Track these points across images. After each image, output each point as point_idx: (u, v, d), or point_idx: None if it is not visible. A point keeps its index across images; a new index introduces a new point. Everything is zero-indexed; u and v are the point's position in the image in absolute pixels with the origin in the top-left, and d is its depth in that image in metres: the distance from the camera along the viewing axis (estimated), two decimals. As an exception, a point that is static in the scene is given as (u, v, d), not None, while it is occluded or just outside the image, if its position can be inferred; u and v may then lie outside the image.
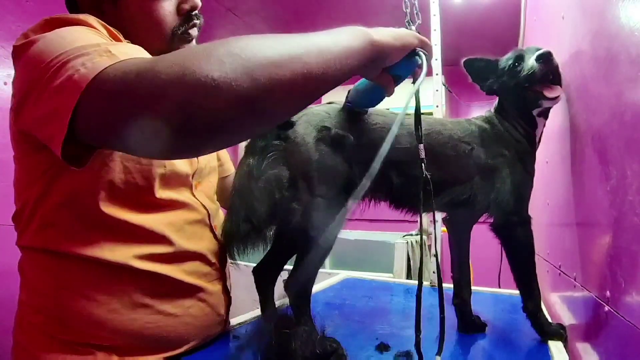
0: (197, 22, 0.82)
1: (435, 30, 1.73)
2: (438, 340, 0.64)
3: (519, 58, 0.89)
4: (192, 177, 0.82)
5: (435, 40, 1.74)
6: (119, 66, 0.46)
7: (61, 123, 0.48)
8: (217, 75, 0.42)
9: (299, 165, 0.76)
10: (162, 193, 0.75)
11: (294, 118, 0.79)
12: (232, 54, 0.43)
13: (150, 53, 0.75)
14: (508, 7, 2.25)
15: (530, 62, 0.85)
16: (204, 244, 0.82)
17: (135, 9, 0.75)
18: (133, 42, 0.73)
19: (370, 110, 0.84)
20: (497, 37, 2.44)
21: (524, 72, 0.86)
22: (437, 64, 1.74)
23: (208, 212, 0.84)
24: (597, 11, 0.73)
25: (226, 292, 0.89)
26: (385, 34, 0.62)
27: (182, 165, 0.78)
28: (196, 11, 0.81)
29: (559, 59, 0.87)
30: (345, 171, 0.78)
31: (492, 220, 0.90)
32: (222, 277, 0.88)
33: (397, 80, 0.72)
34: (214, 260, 0.84)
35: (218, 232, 0.86)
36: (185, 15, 0.80)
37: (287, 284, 0.78)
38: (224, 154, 1.08)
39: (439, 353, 0.64)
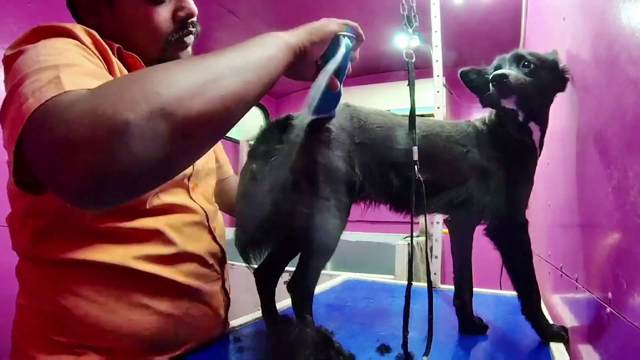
0: (193, 30, 0.81)
1: (436, 31, 1.74)
2: (437, 342, 0.64)
3: (498, 69, 0.87)
4: (189, 180, 0.83)
5: (436, 42, 1.74)
6: (52, 102, 0.45)
7: (11, 152, 0.50)
8: (131, 118, 0.39)
9: (303, 169, 0.77)
10: (156, 199, 0.75)
11: (295, 121, 0.79)
12: (145, 91, 0.42)
13: (146, 59, 0.77)
14: (509, 9, 2.25)
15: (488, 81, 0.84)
16: (202, 245, 0.82)
17: (131, 14, 0.75)
18: (128, 48, 0.74)
19: (370, 110, 0.85)
20: (498, 38, 2.44)
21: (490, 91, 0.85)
22: (438, 66, 1.74)
23: (206, 214, 0.84)
24: (598, 12, 0.73)
25: (225, 293, 0.90)
26: (300, 32, 0.64)
27: None
28: (193, 19, 0.80)
29: (560, 60, 0.87)
30: (348, 172, 0.78)
31: (487, 225, 0.89)
32: (221, 279, 0.88)
33: (338, 74, 0.69)
34: (211, 261, 0.84)
35: (217, 233, 0.87)
36: (180, 23, 0.79)
37: (289, 285, 0.78)
38: (223, 155, 1.08)
39: (426, 354, 0.65)
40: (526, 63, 0.85)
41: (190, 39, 0.81)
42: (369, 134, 0.82)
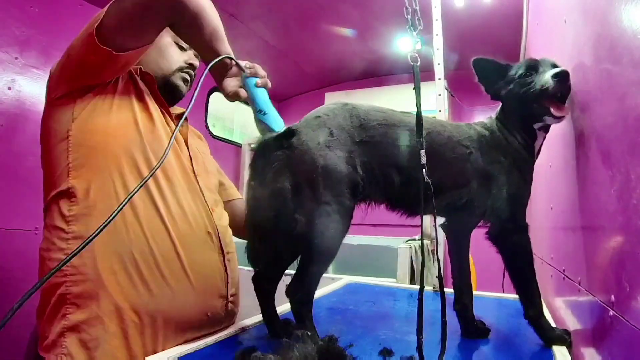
0: (192, 73, 1.13)
1: (437, 35, 1.74)
2: (439, 345, 0.64)
3: (532, 68, 0.88)
4: (191, 162, 0.98)
5: (438, 45, 1.74)
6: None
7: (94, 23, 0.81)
8: None
9: (305, 172, 0.76)
10: (167, 169, 0.91)
11: (294, 126, 0.80)
12: None
13: (156, 79, 1.02)
14: (510, 12, 2.25)
15: (546, 77, 0.83)
16: (201, 218, 0.93)
17: (164, 48, 1.06)
18: (150, 67, 1.03)
19: (369, 107, 0.85)
20: (499, 41, 2.44)
21: (536, 85, 0.85)
22: (439, 69, 1.74)
23: (204, 195, 0.96)
24: (599, 15, 0.73)
25: (225, 270, 0.95)
26: None
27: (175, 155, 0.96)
28: (194, 67, 1.12)
29: (561, 62, 0.87)
30: (350, 173, 0.78)
31: (488, 228, 0.89)
32: (221, 254, 0.95)
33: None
34: (210, 230, 0.93)
35: (215, 215, 0.96)
36: (186, 65, 1.10)
37: (289, 290, 0.77)
38: (226, 179, 1.21)
39: (440, 356, 0.64)
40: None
41: (187, 76, 1.11)
42: (369, 132, 0.81)
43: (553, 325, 0.90)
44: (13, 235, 1.66)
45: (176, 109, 1.12)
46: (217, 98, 3.41)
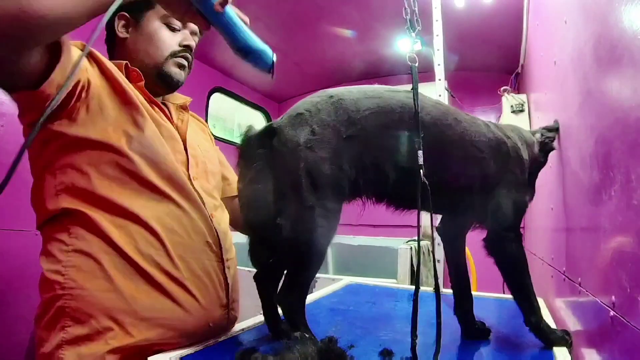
0: (189, 55, 1.02)
1: (437, 35, 1.74)
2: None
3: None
4: (187, 169, 0.94)
5: (438, 46, 1.74)
6: None
7: None
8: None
9: (286, 175, 0.73)
10: (159, 181, 0.86)
11: (275, 123, 0.77)
12: None
13: (147, 69, 0.95)
14: (510, 12, 2.25)
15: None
16: (199, 228, 0.90)
17: (152, 31, 0.97)
18: (138, 59, 0.96)
19: (360, 93, 0.79)
20: (499, 42, 2.44)
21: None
22: (439, 69, 1.74)
23: (203, 201, 0.92)
24: (599, 15, 0.73)
25: (225, 277, 0.94)
26: None
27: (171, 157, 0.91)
28: (190, 50, 1.02)
29: (561, 62, 0.87)
30: (334, 174, 0.73)
31: (486, 236, 0.89)
32: (221, 262, 0.94)
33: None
34: (209, 239, 0.91)
35: (215, 220, 0.94)
36: (181, 48, 1.00)
37: (279, 298, 0.77)
38: (232, 174, 1.17)
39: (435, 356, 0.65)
40: None
41: (183, 61, 1.01)
42: (359, 124, 0.75)
43: (553, 326, 0.90)
44: (13, 236, 1.66)
45: (177, 98, 1.06)
46: (217, 98, 3.41)
